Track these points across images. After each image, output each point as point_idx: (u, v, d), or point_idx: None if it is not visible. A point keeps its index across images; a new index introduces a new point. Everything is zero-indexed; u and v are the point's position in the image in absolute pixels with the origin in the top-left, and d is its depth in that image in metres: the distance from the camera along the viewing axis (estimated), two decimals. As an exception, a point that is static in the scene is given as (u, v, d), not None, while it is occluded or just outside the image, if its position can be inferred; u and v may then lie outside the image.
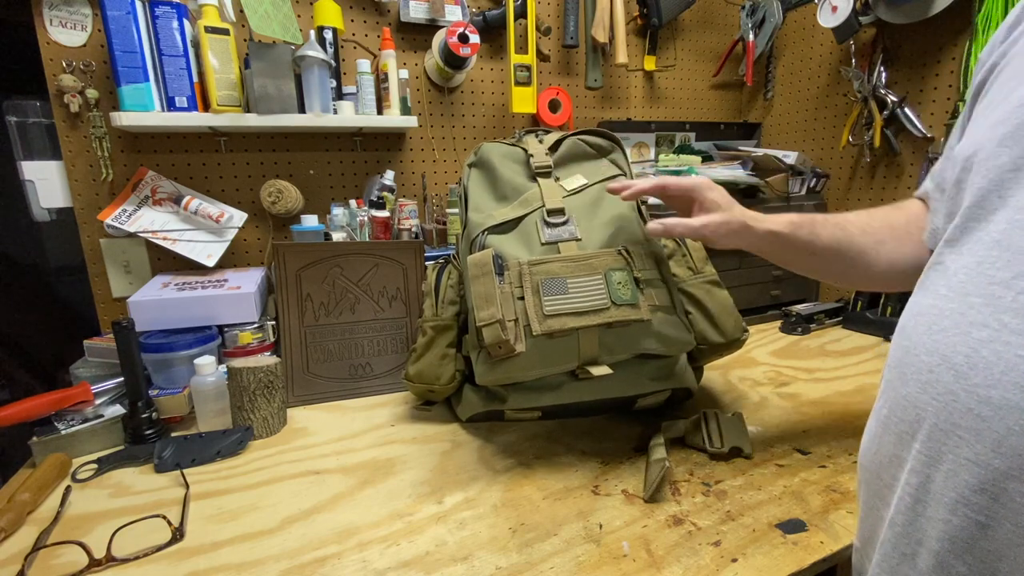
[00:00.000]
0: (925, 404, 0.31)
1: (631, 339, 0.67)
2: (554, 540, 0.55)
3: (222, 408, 0.80)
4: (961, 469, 0.29)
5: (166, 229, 1.03)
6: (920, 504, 0.31)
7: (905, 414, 0.33)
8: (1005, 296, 0.28)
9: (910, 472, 0.32)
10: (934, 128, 1.16)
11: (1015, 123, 0.31)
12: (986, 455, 0.28)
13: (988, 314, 0.29)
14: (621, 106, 1.52)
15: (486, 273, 0.66)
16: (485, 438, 0.77)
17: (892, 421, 0.34)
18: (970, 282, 0.31)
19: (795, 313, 1.24)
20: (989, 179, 0.31)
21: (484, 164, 0.80)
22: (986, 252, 0.30)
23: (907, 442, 0.32)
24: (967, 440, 0.28)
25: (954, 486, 0.29)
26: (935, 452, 0.30)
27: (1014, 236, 0.29)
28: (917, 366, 0.32)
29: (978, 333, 0.29)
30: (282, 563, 0.53)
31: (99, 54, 0.99)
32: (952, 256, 0.33)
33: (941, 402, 0.30)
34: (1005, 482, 0.27)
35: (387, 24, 1.21)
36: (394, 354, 0.96)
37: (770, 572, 0.50)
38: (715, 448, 0.69)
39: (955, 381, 0.29)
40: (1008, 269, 0.29)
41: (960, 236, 0.33)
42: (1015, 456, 0.26)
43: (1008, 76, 0.34)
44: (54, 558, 0.54)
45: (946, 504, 0.29)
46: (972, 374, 0.29)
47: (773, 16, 1.40)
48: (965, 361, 0.29)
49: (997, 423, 0.27)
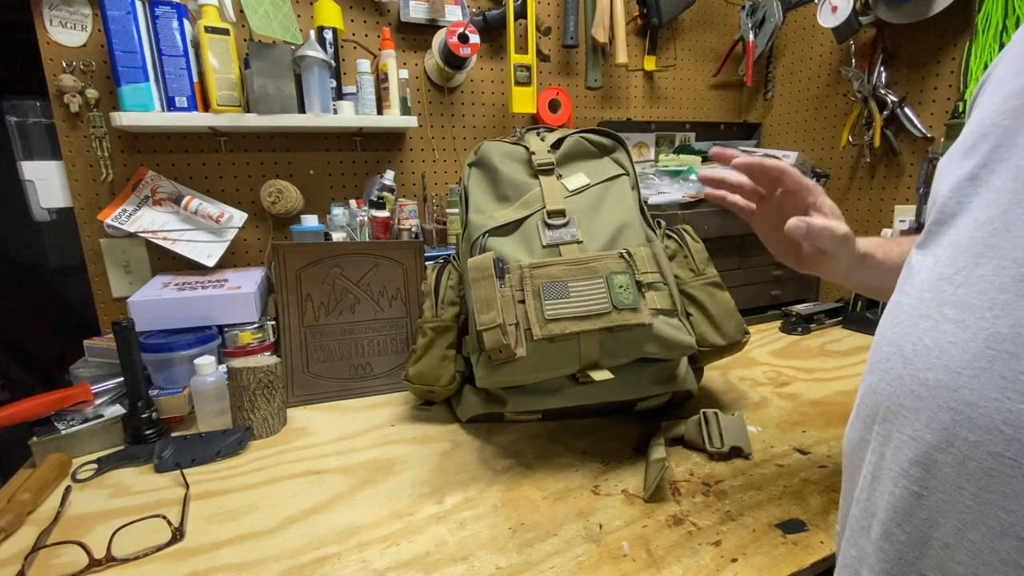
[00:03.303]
0: (882, 389, 0.34)
1: (632, 343, 0.66)
2: (554, 540, 0.55)
3: (222, 408, 0.80)
4: (904, 445, 0.32)
5: (166, 229, 1.03)
6: (876, 480, 0.34)
7: (868, 399, 0.36)
8: (947, 290, 0.31)
9: (871, 452, 0.35)
10: (934, 128, 1.16)
11: (976, 136, 0.33)
12: (921, 431, 0.31)
13: (933, 306, 0.32)
14: (621, 106, 1.52)
15: (487, 277, 0.66)
16: (485, 438, 0.77)
17: (861, 408, 0.37)
18: (925, 280, 0.34)
19: (795, 313, 1.24)
20: (951, 187, 0.34)
21: (484, 163, 0.80)
22: (942, 253, 0.33)
23: (869, 425, 0.35)
24: (908, 419, 0.31)
25: (897, 460, 0.32)
26: (887, 432, 0.33)
27: (962, 239, 0.32)
28: (879, 356, 0.35)
29: (923, 324, 0.32)
30: (282, 563, 0.53)
31: (99, 54, 0.99)
32: (917, 257, 0.36)
33: (893, 387, 0.33)
34: (935, 454, 0.30)
35: (387, 24, 1.21)
36: (394, 354, 0.96)
37: (770, 572, 0.50)
38: (715, 448, 0.69)
39: (904, 367, 0.33)
40: (953, 266, 0.32)
41: (926, 239, 0.36)
42: (943, 431, 0.29)
43: (988, 91, 0.37)
44: (54, 558, 0.54)
45: (892, 477, 0.32)
46: (916, 359, 0.32)
47: (773, 16, 1.40)
48: (912, 349, 0.32)
49: (931, 401, 0.30)
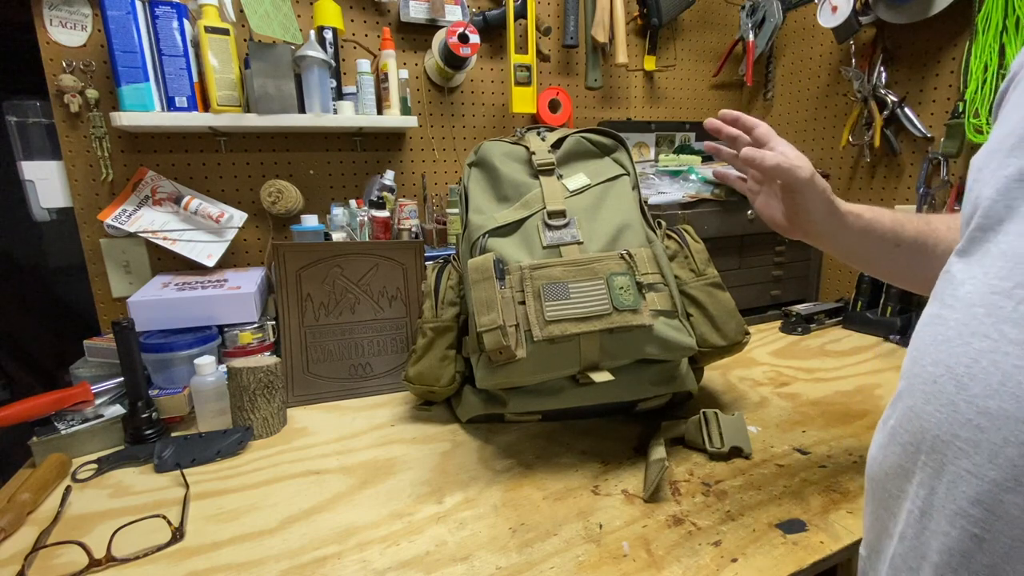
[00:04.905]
0: (928, 415, 0.31)
1: (633, 344, 0.66)
2: (554, 540, 0.55)
3: (222, 408, 0.80)
4: (960, 481, 0.28)
5: (166, 229, 1.03)
6: (926, 517, 0.31)
7: (910, 425, 0.32)
8: (1006, 306, 0.28)
9: (918, 485, 0.31)
10: (934, 128, 1.16)
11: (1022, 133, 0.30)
12: (982, 466, 0.27)
13: (989, 324, 0.29)
14: (621, 106, 1.52)
15: (487, 278, 0.66)
16: (485, 438, 0.77)
17: (898, 432, 0.34)
18: (975, 292, 0.30)
19: (795, 313, 1.24)
20: (996, 189, 0.31)
21: (484, 163, 0.80)
22: (991, 262, 0.30)
23: (912, 453, 0.32)
24: (966, 451, 0.28)
25: (953, 498, 0.29)
26: (938, 464, 0.30)
27: (1017, 246, 0.29)
28: (923, 376, 0.32)
29: (979, 343, 0.29)
30: (282, 563, 0.53)
31: (99, 54, 0.99)
32: (959, 266, 0.33)
33: (943, 413, 0.30)
34: (1001, 494, 0.26)
35: (387, 24, 1.21)
36: (394, 354, 0.96)
37: (770, 572, 0.50)
38: (715, 448, 0.69)
39: (956, 392, 0.29)
40: (1010, 279, 0.29)
41: (968, 246, 0.33)
42: (1011, 467, 0.26)
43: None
44: (54, 558, 0.54)
45: (946, 516, 0.29)
46: (972, 384, 0.28)
47: (773, 16, 1.40)
48: (966, 372, 0.29)
49: (994, 434, 0.27)
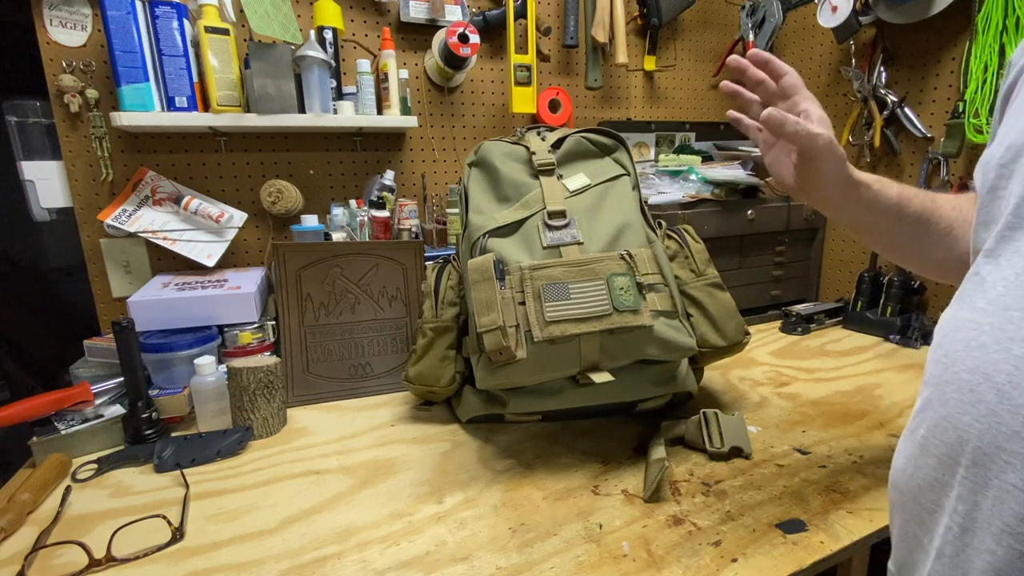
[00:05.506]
0: (967, 426, 0.29)
1: (633, 345, 0.66)
2: (554, 540, 0.55)
3: (222, 408, 0.80)
4: (1007, 496, 0.27)
5: (166, 229, 1.03)
6: (968, 534, 0.29)
7: (946, 436, 0.31)
8: None
9: (957, 499, 0.30)
10: (934, 128, 1.16)
11: None
12: None
13: None
14: (621, 106, 1.52)
15: (487, 279, 0.66)
16: (485, 438, 0.77)
17: (931, 443, 0.32)
18: (1009, 295, 0.29)
19: (795, 313, 1.24)
20: None
21: (484, 163, 0.80)
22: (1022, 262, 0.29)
23: (949, 466, 0.31)
24: (1013, 465, 0.27)
25: (999, 514, 0.27)
26: (981, 478, 0.28)
27: None
28: (957, 385, 0.30)
29: (1019, 350, 0.27)
30: (282, 563, 0.53)
31: (99, 54, 0.99)
32: (989, 267, 0.31)
33: (984, 424, 0.28)
34: None
35: (387, 24, 1.20)
36: (394, 354, 0.96)
37: (770, 572, 0.50)
38: (715, 448, 0.69)
39: (998, 401, 0.28)
40: None
41: (997, 246, 0.31)
42: None
43: None
44: (54, 558, 0.54)
45: (992, 534, 0.28)
46: (1016, 394, 0.27)
47: (773, 16, 1.40)
48: (1008, 380, 0.27)
49: None
